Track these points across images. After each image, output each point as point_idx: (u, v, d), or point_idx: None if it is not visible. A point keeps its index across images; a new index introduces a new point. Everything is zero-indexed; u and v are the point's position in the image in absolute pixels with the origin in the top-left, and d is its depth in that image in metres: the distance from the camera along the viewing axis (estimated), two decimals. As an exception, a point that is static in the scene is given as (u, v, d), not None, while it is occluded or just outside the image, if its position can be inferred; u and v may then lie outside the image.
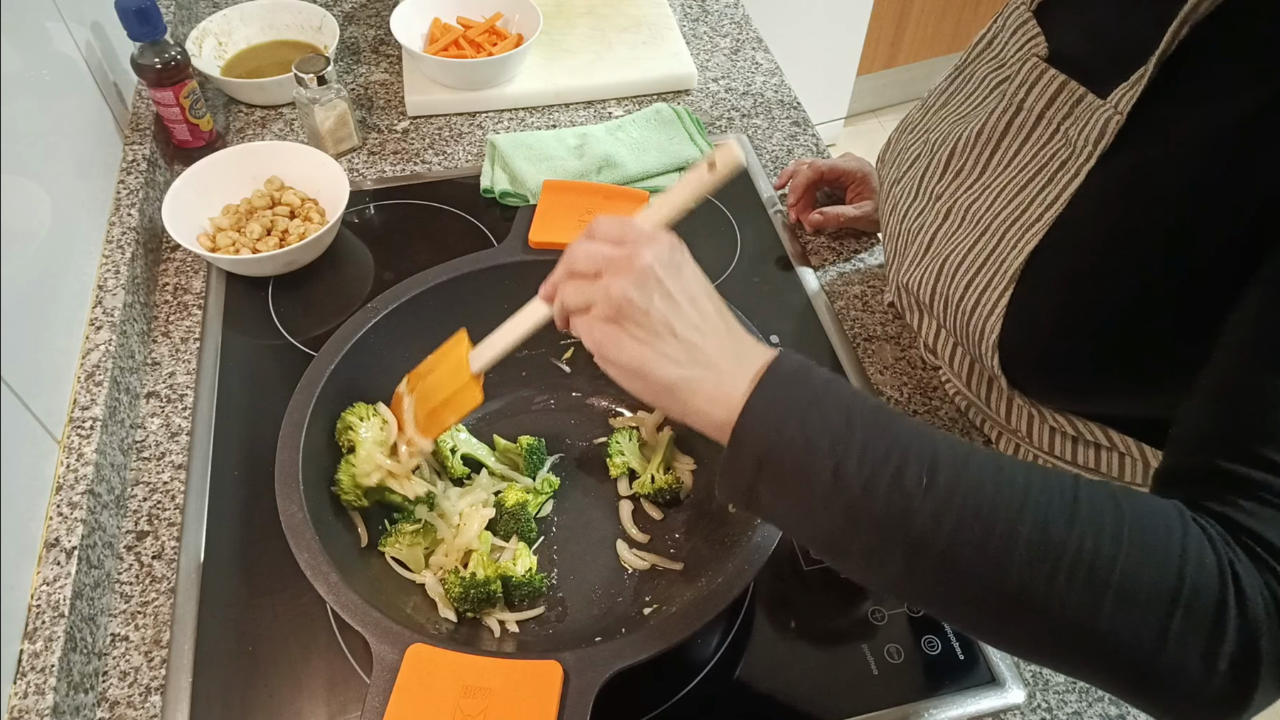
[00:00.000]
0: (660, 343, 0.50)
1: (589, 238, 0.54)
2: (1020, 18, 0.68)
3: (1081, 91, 0.61)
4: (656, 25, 1.22)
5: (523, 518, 0.72)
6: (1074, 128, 0.61)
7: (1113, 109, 0.58)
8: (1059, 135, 0.63)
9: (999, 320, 0.64)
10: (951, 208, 0.70)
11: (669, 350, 0.50)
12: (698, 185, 0.56)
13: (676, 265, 0.52)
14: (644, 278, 0.50)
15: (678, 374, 0.49)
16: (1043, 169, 0.63)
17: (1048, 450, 0.75)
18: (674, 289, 0.50)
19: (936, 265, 0.70)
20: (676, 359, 0.49)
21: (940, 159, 0.72)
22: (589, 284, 0.52)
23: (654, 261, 0.50)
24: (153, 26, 0.92)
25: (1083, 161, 0.60)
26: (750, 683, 0.68)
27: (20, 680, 0.61)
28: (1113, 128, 0.58)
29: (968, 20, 2.44)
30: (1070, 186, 0.60)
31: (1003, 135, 0.67)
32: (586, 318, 0.52)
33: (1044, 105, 0.64)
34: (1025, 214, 0.64)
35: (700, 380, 0.49)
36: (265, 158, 0.95)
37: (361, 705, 0.55)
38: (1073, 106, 0.61)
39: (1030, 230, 0.63)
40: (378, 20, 1.24)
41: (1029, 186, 0.64)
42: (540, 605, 0.70)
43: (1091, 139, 0.59)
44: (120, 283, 0.83)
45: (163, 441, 0.80)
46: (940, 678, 0.68)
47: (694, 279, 0.52)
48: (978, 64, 0.73)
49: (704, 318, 0.51)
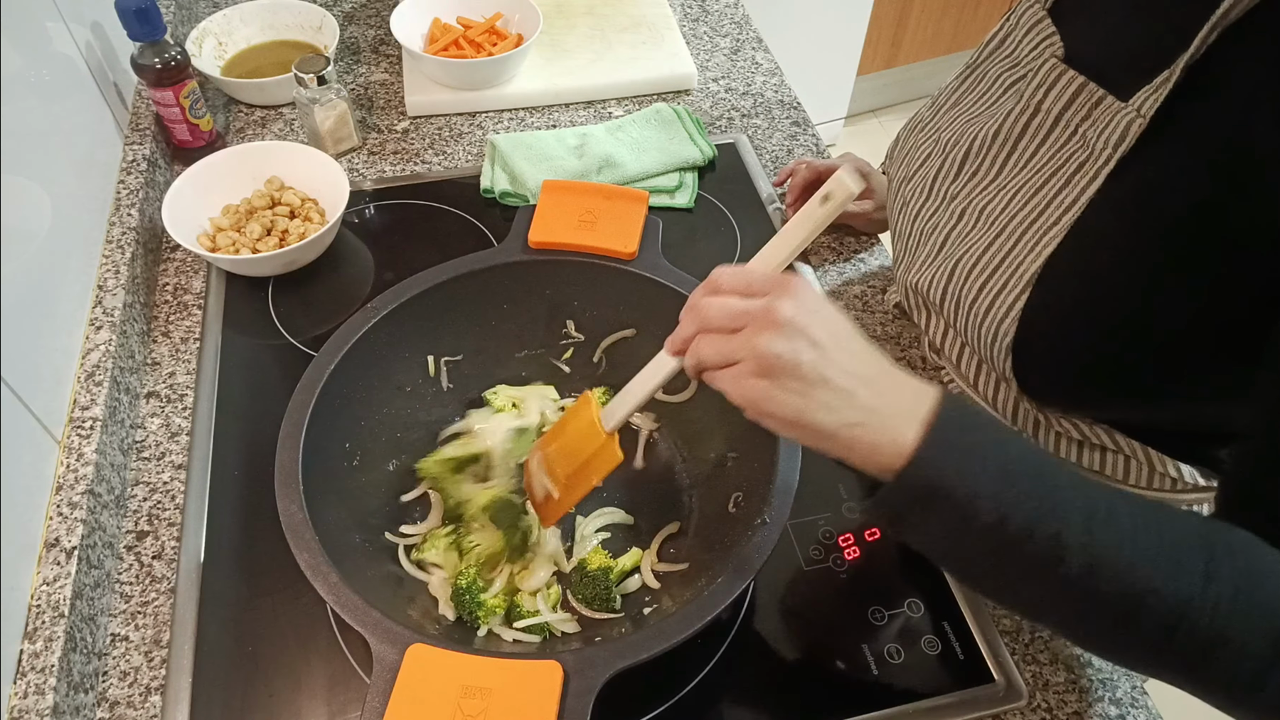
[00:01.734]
0: (815, 393, 0.49)
1: (714, 291, 0.54)
2: (1034, 16, 0.67)
3: (1101, 94, 0.60)
4: (656, 25, 1.22)
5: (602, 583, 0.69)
6: (1092, 130, 0.60)
7: (1135, 112, 0.57)
8: (1076, 137, 0.62)
9: (1014, 323, 0.64)
10: (966, 208, 0.69)
11: (826, 399, 0.49)
12: (813, 220, 0.55)
13: (815, 311, 0.51)
14: (789, 330, 0.49)
15: (837, 421, 0.50)
16: (1059, 171, 0.63)
17: (1052, 452, 0.75)
18: (820, 336, 0.50)
19: (949, 266, 0.70)
20: (834, 406, 0.49)
21: (954, 159, 0.71)
22: (728, 340, 0.51)
23: (796, 312, 0.50)
24: (153, 26, 0.92)
25: (1101, 164, 0.59)
26: (750, 683, 0.68)
27: (20, 680, 0.61)
28: (1134, 131, 0.57)
29: (968, 20, 2.44)
30: (1089, 190, 0.60)
31: (1019, 136, 0.66)
32: (731, 373, 0.52)
33: (1062, 107, 0.63)
34: (1042, 216, 0.63)
35: (862, 426, 0.49)
36: (265, 158, 0.95)
37: (361, 705, 0.55)
38: (1091, 109, 0.61)
39: (1048, 234, 0.62)
40: (378, 20, 1.24)
41: (1045, 188, 0.63)
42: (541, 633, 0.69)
43: (1111, 142, 0.58)
44: (120, 283, 0.83)
45: (163, 441, 0.80)
46: (940, 678, 0.68)
47: (836, 320, 0.52)
48: (990, 63, 0.72)
49: (855, 360, 0.51)
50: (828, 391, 0.49)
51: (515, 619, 0.68)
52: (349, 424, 0.71)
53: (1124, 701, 0.69)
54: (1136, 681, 0.70)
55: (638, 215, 0.79)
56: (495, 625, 0.68)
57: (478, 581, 0.68)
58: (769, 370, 0.50)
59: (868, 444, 0.49)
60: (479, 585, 0.68)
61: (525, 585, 0.70)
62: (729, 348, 0.51)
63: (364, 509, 0.72)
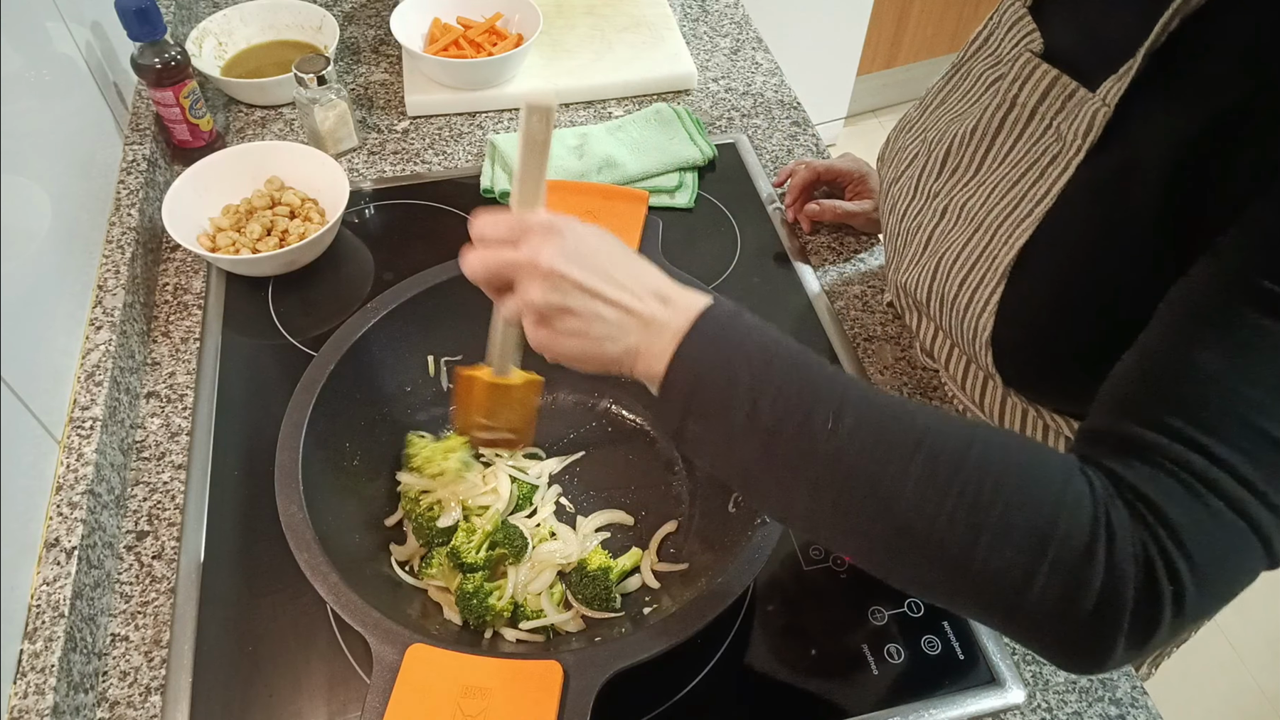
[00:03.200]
0: (592, 329, 0.52)
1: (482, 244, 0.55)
2: (1015, 14, 0.68)
3: (1074, 86, 0.61)
4: (656, 25, 1.22)
5: (602, 583, 0.69)
6: (1065, 122, 0.61)
7: (1101, 102, 0.58)
8: (1051, 130, 0.63)
9: (991, 317, 0.65)
10: (948, 206, 0.70)
11: (603, 332, 0.52)
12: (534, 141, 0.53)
13: (577, 248, 0.52)
14: (552, 278, 0.51)
15: (618, 349, 0.52)
16: (1035, 164, 0.63)
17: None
18: (585, 276, 0.51)
19: (933, 264, 0.70)
20: (612, 336, 0.52)
21: (937, 157, 0.72)
22: (508, 296, 0.54)
23: (555, 256, 0.51)
24: (153, 26, 0.92)
25: (1072, 155, 0.60)
26: (750, 683, 0.68)
27: (20, 680, 0.61)
28: (1100, 120, 0.58)
29: (968, 20, 2.44)
30: (1060, 181, 0.61)
31: (997, 132, 0.67)
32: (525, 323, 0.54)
33: (1036, 101, 0.63)
34: (1016, 210, 0.64)
35: (639, 345, 0.51)
36: (265, 158, 0.95)
37: (361, 705, 0.55)
38: (1064, 101, 0.61)
39: (1021, 226, 0.63)
40: (378, 20, 1.24)
41: (1021, 182, 0.64)
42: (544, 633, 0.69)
43: (1080, 132, 0.59)
44: (120, 283, 0.83)
45: (163, 441, 0.80)
46: (940, 678, 0.68)
47: (600, 252, 0.53)
48: (974, 61, 0.73)
49: (623, 288, 0.52)
50: (603, 325, 0.51)
51: (520, 619, 0.69)
52: (349, 424, 0.71)
53: (1124, 701, 0.69)
54: (1136, 682, 0.70)
55: (637, 215, 0.79)
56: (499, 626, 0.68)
57: (484, 587, 0.68)
58: (545, 319, 0.52)
59: (647, 358, 0.51)
60: (485, 590, 0.68)
61: (531, 587, 0.70)
62: (511, 303, 0.53)
63: (364, 509, 0.72)
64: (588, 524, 0.74)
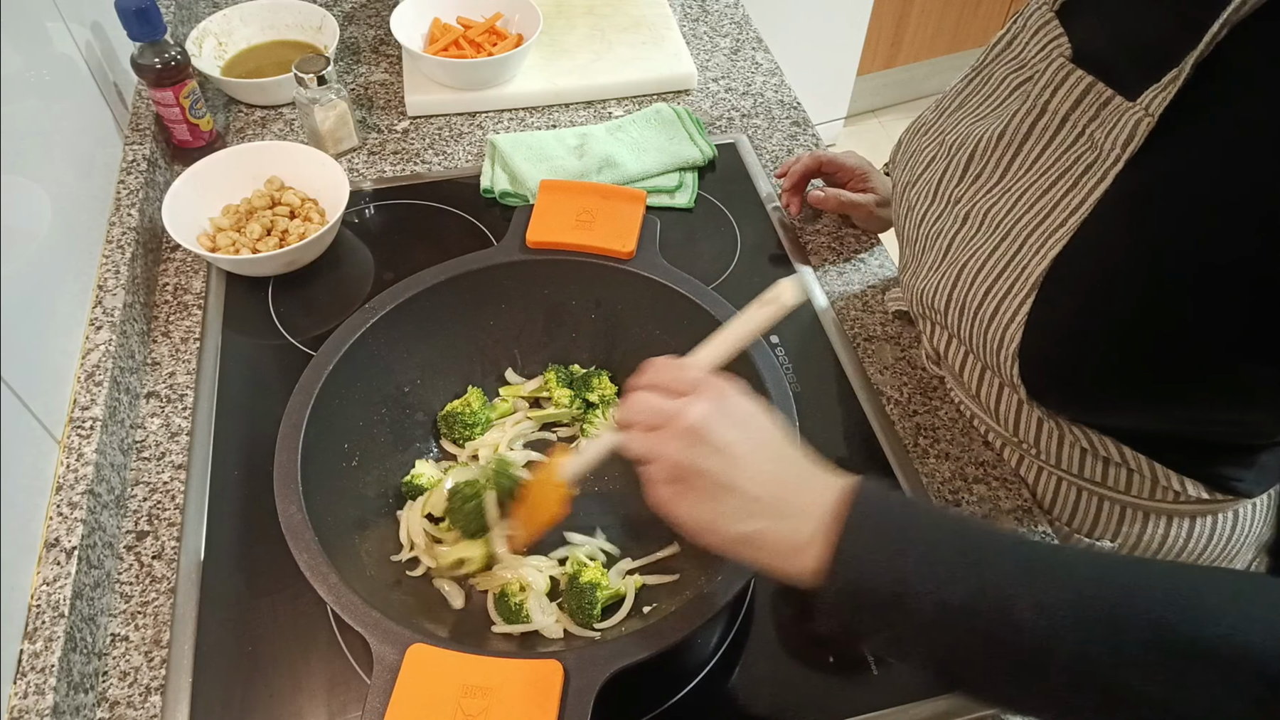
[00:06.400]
0: (719, 502, 0.50)
1: (647, 385, 0.54)
2: (1042, 18, 0.66)
3: (1109, 94, 0.59)
4: (656, 25, 1.22)
5: (589, 597, 0.68)
6: (1100, 130, 0.59)
7: (1143, 111, 0.56)
8: (1084, 138, 0.61)
9: (1019, 328, 0.62)
10: (970, 212, 0.68)
11: (731, 508, 0.49)
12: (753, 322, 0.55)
13: (727, 415, 0.51)
14: (694, 437, 0.50)
15: (743, 530, 0.49)
16: (1066, 173, 0.61)
17: (1055, 463, 0.75)
18: (726, 444, 0.50)
19: (955, 271, 0.68)
20: (739, 515, 0.49)
21: (959, 162, 0.70)
22: (646, 438, 0.52)
23: (703, 418, 0.50)
24: (153, 27, 0.92)
25: (1110, 165, 0.58)
26: (750, 683, 0.68)
27: (20, 680, 0.61)
28: (1143, 130, 0.56)
29: (968, 20, 2.44)
30: (1096, 191, 0.59)
31: (1025, 138, 0.65)
32: (647, 473, 0.52)
33: (1069, 107, 0.62)
34: (1048, 219, 0.62)
35: (769, 533, 0.49)
36: (265, 158, 0.95)
37: (362, 705, 0.55)
38: (1099, 109, 0.60)
39: (1054, 236, 0.61)
40: (378, 20, 1.24)
41: (1052, 190, 0.62)
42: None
43: (1120, 142, 0.57)
44: (120, 283, 0.83)
45: (163, 441, 0.80)
46: (940, 678, 0.68)
47: (752, 423, 0.52)
48: (996, 65, 0.71)
49: (761, 469, 0.50)
50: (733, 500, 0.49)
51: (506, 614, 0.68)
52: (349, 424, 0.71)
53: None
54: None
55: (635, 215, 0.79)
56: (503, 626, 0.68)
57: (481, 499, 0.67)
58: (676, 477, 0.50)
59: (774, 551, 0.49)
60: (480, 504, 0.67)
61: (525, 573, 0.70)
62: (646, 446, 0.52)
63: (364, 509, 0.72)
64: (582, 548, 0.73)
